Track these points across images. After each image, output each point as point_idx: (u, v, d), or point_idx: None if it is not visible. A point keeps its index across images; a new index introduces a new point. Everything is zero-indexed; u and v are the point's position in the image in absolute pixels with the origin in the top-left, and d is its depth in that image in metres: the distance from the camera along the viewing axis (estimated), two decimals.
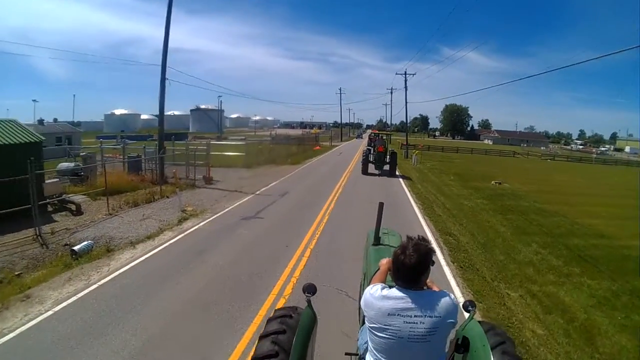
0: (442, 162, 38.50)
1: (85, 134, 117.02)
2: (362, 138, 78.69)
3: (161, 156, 19.04)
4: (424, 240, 2.29)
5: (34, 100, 79.76)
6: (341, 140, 77.03)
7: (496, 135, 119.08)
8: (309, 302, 2.94)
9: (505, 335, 2.59)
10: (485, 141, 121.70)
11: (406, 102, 39.20)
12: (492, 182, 25.72)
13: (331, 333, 5.33)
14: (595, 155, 74.09)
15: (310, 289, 3.03)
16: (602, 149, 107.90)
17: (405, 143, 46.58)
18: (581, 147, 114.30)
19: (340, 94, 78.83)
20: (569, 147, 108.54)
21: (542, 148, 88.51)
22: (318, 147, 47.15)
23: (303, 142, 54.93)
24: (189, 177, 20.47)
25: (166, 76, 19.91)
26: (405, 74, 39.40)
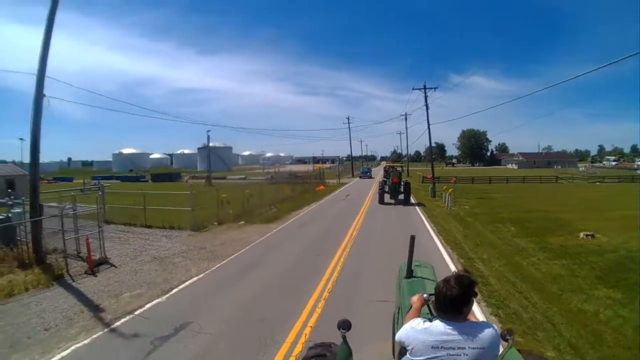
0: (482, 199, 28.81)
1: (87, 173, 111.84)
2: (369, 175, 59.59)
3: (35, 220, 10.91)
4: (466, 272, 2.35)
5: (20, 139, 73.32)
6: (352, 176, 67.39)
7: (521, 158, 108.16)
8: (344, 337, 2.92)
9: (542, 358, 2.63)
10: (509, 166, 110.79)
11: (428, 124, 30.12)
12: (580, 234, 15.94)
13: None
14: None
15: (344, 325, 2.97)
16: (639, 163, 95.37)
17: (428, 176, 36.95)
18: (614, 163, 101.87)
19: (349, 123, 70.15)
20: (601, 165, 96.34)
21: (580, 169, 77.20)
22: (322, 187, 38.02)
23: (307, 180, 46.10)
24: (79, 252, 11.89)
25: (44, 93, 11.58)
26: (425, 88, 30.39)
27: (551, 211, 22.38)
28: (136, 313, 7.48)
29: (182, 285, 9.23)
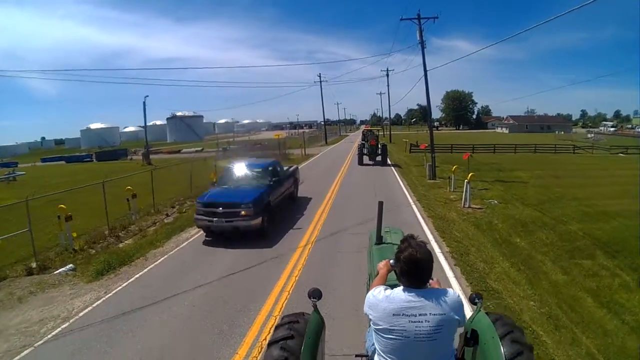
0: (506, 184, 18.61)
1: (38, 152, 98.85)
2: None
3: None
4: (422, 241, 2.25)
5: None
6: (325, 143, 55.25)
7: (511, 122, 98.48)
8: (315, 307, 2.77)
9: (513, 324, 2.44)
10: (498, 130, 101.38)
11: (425, 70, 19.11)
12: None
13: None
14: None
15: (315, 294, 2.84)
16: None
17: (421, 145, 26.72)
18: (613, 129, 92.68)
19: (321, 81, 58.38)
20: (598, 130, 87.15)
21: (589, 136, 67.64)
22: None
23: (266, 151, 35.45)
24: None
25: None
26: (420, 18, 19.37)
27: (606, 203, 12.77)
28: None
29: None
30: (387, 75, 56.73)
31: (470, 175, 13.52)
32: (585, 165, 28.03)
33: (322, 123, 67.51)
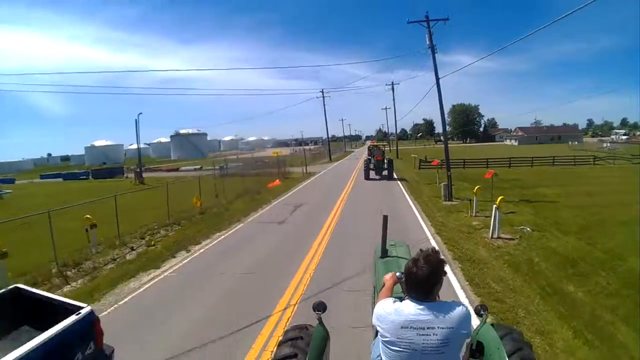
0: (534, 204, 15.91)
1: (43, 169, 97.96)
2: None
3: None
4: (435, 252, 2.20)
5: None
6: (329, 160, 52.66)
7: (520, 134, 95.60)
8: (320, 319, 2.76)
9: (522, 340, 2.44)
10: (507, 142, 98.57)
11: (437, 76, 16.65)
12: None
13: None
14: None
15: (320, 307, 2.82)
16: None
17: (434, 161, 24.25)
18: (625, 137, 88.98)
19: (323, 97, 56.46)
20: (609, 139, 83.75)
21: (604, 145, 64.60)
22: (277, 182, 25.09)
23: (267, 169, 33.29)
24: None
25: None
26: (428, 20, 17.11)
27: None
28: None
29: None
30: (393, 89, 54.89)
31: (499, 199, 11.03)
32: (614, 179, 25.29)
33: (327, 139, 65.25)
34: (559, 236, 11.20)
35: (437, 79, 16.91)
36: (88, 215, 11.25)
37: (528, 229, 11.97)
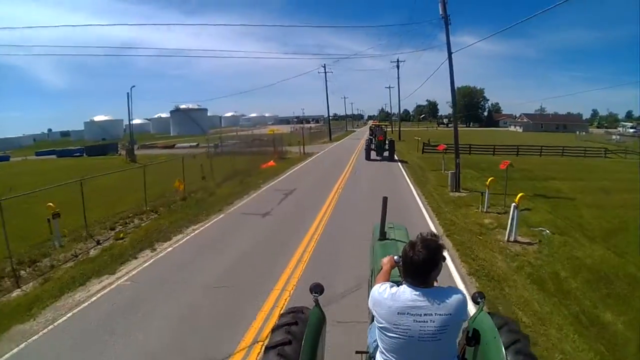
0: (552, 201, 14.59)
1: (43, 145, 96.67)
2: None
3: None
4: (433, 236, 2.14)
5: None
6: (330, 140, 50.52)
7: (525, 120, 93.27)
8: (316, 301, 2.69)
9: (519, 332, 2.31)
10: (511, 128, 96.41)
11: (449, 51, 14.78)
12: None
13: None
14: None
15: (317, 289, 2.78)
16: None
17: (439, 146, 22.54)
18: (632, 130, 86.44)
19: (325, 72, 54.19)
20: (617, 131, 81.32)
21: (614, 137, 62.28)
22: (272, 164, 23.47)
23: (263, 147, 31.70)
24: None
25: None
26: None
27: None
28: None
29: None
30: (398, 65, 52.53)
31: (519, 196, 9.51)
32: (628, 175, 23.72)
33: (330, 117, 63.15)
34: (583, 243, 9.76)
35: (450, 53, 15.10)
36: (50, 203, 9.77)
37: (547, 231, 10.51)
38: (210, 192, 15.49)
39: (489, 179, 12.20)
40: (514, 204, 9.46)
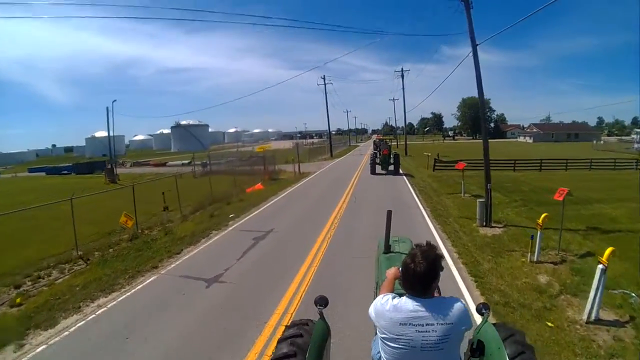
0: (612, 238, 10.70)
1: (44, 160, 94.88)
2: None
3: None
4: (431, 246, 2.12)
5: None
6: (331, 156, 46.68)
7: (535, 130, 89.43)
8: (321, 314, 2.68)
9: (525, 344, 2.26)
10: (521, 139, 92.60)
11: (473, 41, 11.56)
12: None
13: None
14: None
15: (322, 301, 2.73)
16: None
17: (459, 164, 18.90)
18: None
19: (325, 84, 51.18)
20: (632, 139, 76.93)
21: (636, 146, 58.32)
22: (259, 186, 19.99)
23: (256, 166, 28.35)
24: None
25: None
26: None
27: None
28: None
29: None
30: (402, 75, 49.47)
31: (608, 252, 5.92)
32: None
33: (333, 132, 59.74)
34: None
35: (474, 45, 11.65)
36: None
37: (635, 295, 6.93)
38: (168, 229, 11.98)
39: (542, 216, 8.57)
40: (601, 266, 5.88)
